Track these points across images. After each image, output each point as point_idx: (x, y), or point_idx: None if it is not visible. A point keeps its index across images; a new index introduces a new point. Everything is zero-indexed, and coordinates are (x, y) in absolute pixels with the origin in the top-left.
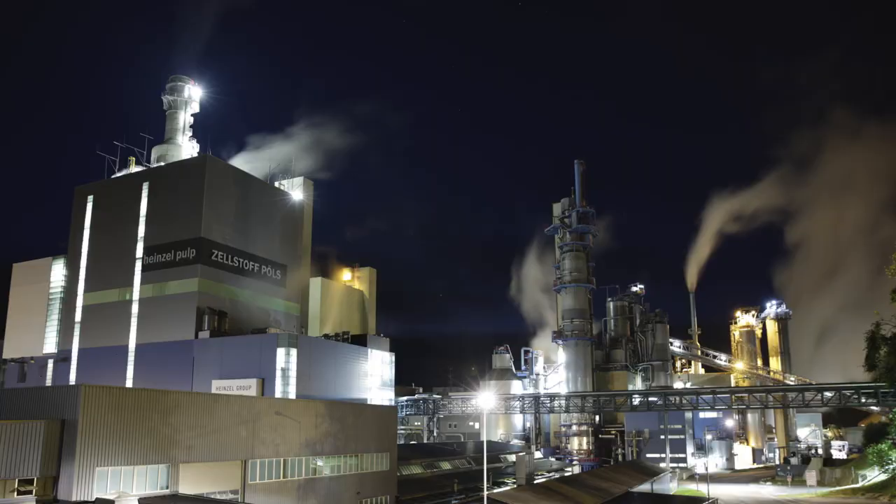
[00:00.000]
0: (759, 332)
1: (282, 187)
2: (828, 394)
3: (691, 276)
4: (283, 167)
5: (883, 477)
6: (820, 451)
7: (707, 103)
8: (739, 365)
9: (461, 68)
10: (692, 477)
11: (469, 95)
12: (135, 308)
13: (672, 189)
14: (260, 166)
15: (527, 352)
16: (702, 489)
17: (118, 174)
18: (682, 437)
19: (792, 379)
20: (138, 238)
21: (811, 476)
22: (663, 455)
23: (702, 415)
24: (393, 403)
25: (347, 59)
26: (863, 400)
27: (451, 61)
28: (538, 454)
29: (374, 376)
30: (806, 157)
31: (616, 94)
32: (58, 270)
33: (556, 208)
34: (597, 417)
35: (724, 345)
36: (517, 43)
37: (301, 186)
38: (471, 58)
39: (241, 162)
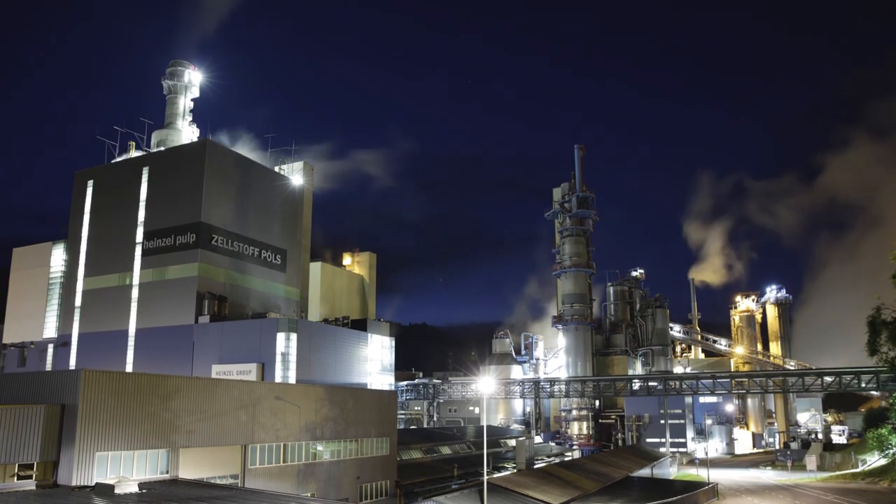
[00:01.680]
0: (759, 317)
1: (282, 172)
2: (828, 378)
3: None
4: (284, 152)
5: (883, 462)
6: (820, 436)
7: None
8: (739, 350)
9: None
10: (692, 462)
11: (473, 81)
12: (135, 293)
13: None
14: (260, 151)
15: (527, 336)
16: (702, 474)
17: (118, 159)
18: (682, 421)
19: (792, 363)
20: (138, 223)
21: (811, 461)
22: (663, 440)
23: (702, 399)
24: (393, 388)
25: (352, 47)
26: (863, 384)
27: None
28: (538, 439)
29: (374, 361)
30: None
31: (623, 78)
32: (58, 255)
33: (556, 193)
34: (597, 402)
35: (725, 329)
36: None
37: (301, 171)
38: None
39: (240, 147)
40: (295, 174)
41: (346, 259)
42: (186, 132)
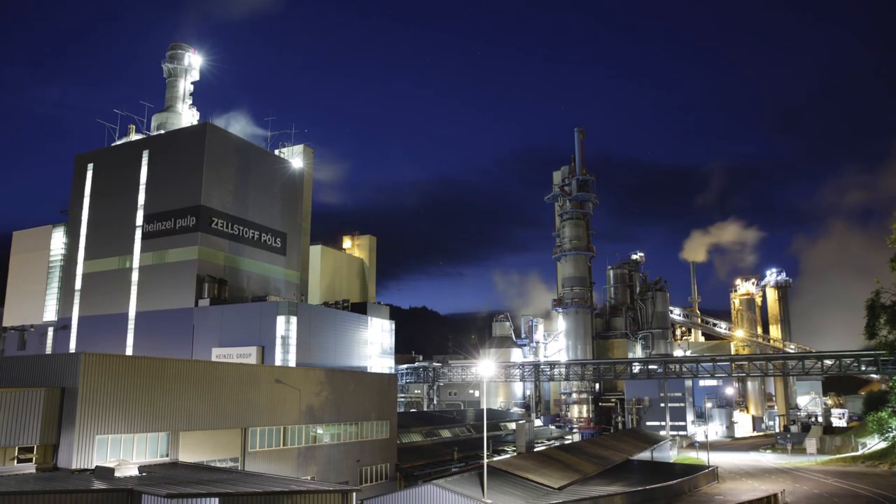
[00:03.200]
0: (759, 300)
1: (282, 155)
2: (827, 362)
3: (692, 246)
4: (284, 134)
5: (883, 445)
6: (820, 419)
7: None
8: (739, 333)
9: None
10: (692, 445)
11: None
12: (135, 276)
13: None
14: (260, 134)
15: (527, 320)
16: (702, 457)
17: (118, 142)
18: (682, 405)
19: (792, 347)
20: (138, 206)
21: (811, 444)
22: (663, 423)
23: (702, 383)
24: (393, 371)
25: (352, 27)
26: (863, 368)
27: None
28: (538, 422)
29: (373, 344)
30: None
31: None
32: (58, 238)
33: (556, 176)
34: (597, 385)
35: (725, 313)
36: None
37: (301, 154)
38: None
39: (241, 130)
40: (295, 157)
41: (347, 242)
42: (186, 115)
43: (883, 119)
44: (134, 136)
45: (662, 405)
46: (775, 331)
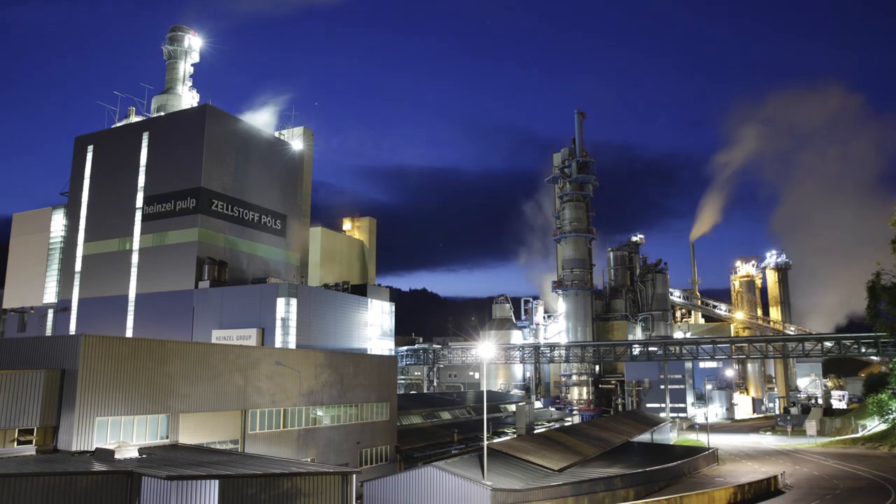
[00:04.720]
0: (759, 282)
1: (282, 137)
2: (827, 343)
3: (696, 227)
4: (284, 116)
5: (883, 427)
6: (820, 401)
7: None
8: (739, 315)
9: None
10: (692, 427)
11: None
12: (135, 258)
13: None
14: (260, 116)
15: (526, 301)
16: (702, 439)
17: (118, 124)
18: (682, 386)
19: (792, 328)
20: (138, 188)
21: (811, 426)
22: (663, 405)
23: (702, 365)
24: (393, 353)
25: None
26: (863, 350)
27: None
28: (538, 404)
29: (373, 326)
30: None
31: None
32: (58, 220)
33: (556, 158)
34: (597, 367)
35: (725, 295)
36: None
37: (301, 136)
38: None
39: (241, 112)
40: (295, 139)
41: (346, 224)
42: (186, 97)
43: None
44: (134, 118)
45: (662, 387)
46: (775, 313)
